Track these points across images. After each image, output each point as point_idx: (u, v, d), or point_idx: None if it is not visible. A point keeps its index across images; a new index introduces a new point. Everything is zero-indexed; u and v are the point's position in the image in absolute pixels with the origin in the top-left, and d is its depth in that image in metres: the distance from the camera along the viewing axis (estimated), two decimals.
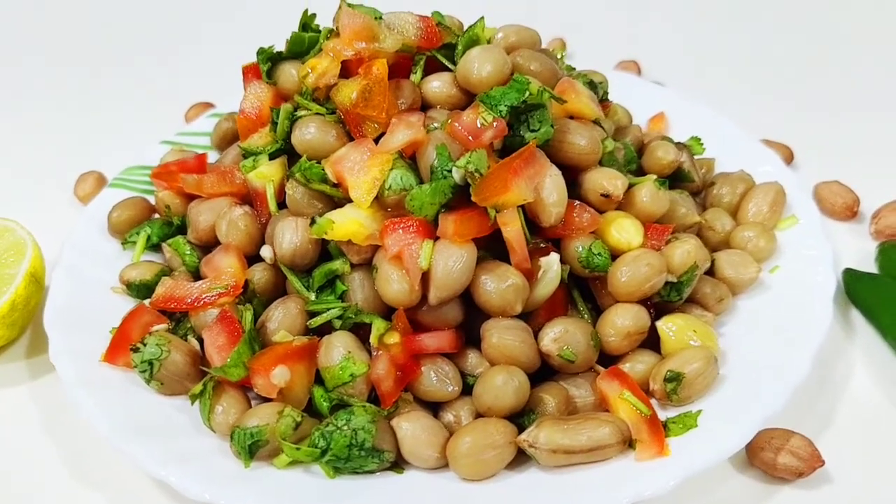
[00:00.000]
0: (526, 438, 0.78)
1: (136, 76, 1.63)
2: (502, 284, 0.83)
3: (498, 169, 0.83)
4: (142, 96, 1.56)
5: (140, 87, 1.59)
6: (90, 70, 1.66)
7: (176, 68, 1.65)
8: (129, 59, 1.69)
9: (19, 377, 1.01)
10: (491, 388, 0.80)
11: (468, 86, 0.94)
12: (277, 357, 0.82)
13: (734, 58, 1.58)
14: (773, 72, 1.52)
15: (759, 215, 1.04)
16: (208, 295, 0.91)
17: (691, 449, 0.78)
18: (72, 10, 1.86)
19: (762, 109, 1.40)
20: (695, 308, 0.94)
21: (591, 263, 0.88)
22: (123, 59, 1.69)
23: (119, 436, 0.82)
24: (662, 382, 0.84)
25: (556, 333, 0.84)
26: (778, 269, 0.99)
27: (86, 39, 1.77)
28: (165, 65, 1.67)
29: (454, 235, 0.82)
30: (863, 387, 0.93)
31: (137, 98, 1.56)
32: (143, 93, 1.57)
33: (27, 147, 1.44)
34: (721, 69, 1.54)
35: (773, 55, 1.57)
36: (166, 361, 0.87)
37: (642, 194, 0.95)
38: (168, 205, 1.09)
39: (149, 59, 1.69)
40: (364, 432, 0.78)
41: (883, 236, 1.11)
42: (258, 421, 0.80)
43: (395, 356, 0.83)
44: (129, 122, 1.49)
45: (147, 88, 1.58)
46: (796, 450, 0.82)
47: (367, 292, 0.87)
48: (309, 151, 0.92)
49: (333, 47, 0.94)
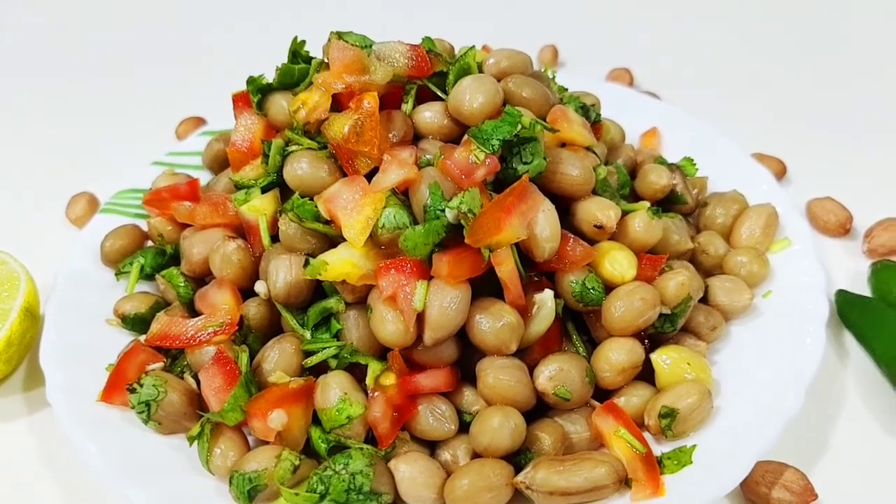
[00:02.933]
0: (523, 480, 0.79)
1: (124, 91, 1.62)
2: (497, 323, 0.84)
3: (491, 209, 0.83)
4: (130, 111, 1.55)
5: (128, 102, 1.58)
6: (77, 86, 1.64)
7: (165, 82, 1.64)
8: (116, 73, 1.68)
9: (17, 412, 1.01)
10: (488, 429, 0.81)
11: (460, 117, 0.94)
12: (274, 400, 0.83)
13: (728, 65, 1.58)
14: (766, 81, 1.52)
15: (752, 238, 1.04)
16: (203, 333, 0.91)
17: (687, 488, 0.79)
18: (55, 24, 1.84)
19: (755, 118, 1.41)
20: (688, 337, 0.94)
21: (585, 298, 0.88)
22: (110, 72, 1.68)
23: (117, 478, 0.82)
24: (657, 418, 0.84)
25: (551, 372, 0.85)
26: (770, 294, 0.99)
27: (70, 53, 1.75)
28: (154, 78, 1.65)
29: (448, 277, 0.82)
30: (856, 414, 0.94)
31: (126, 113, 1.55)
32: (131, 108, 1.56)
33: (15, 168, 1.42)
34: (715, 77, 1.54)
35: (767, 65, 1.57)
36: (163, 402, 0.87)
37: (636, 223, 0.95)
38: (161, 233, 1.08)
39: (137, 73, 1.68)
40: (362, 476, 0.79)
41: (876, 255, 1.11)
42: (256, 465, 0.80)
43: (392, 397, 0.83)
44: (118, 138, 1.48)
45: (135, 103, 1.57)
46: (790, 484, 0.83)
47: (362, 331, 0.87)
48: (301, 187, 0.92)
49: (324, 81, 0.93)
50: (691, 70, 1.56)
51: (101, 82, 1.64)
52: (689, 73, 1.55)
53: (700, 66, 1.58)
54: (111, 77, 1.66)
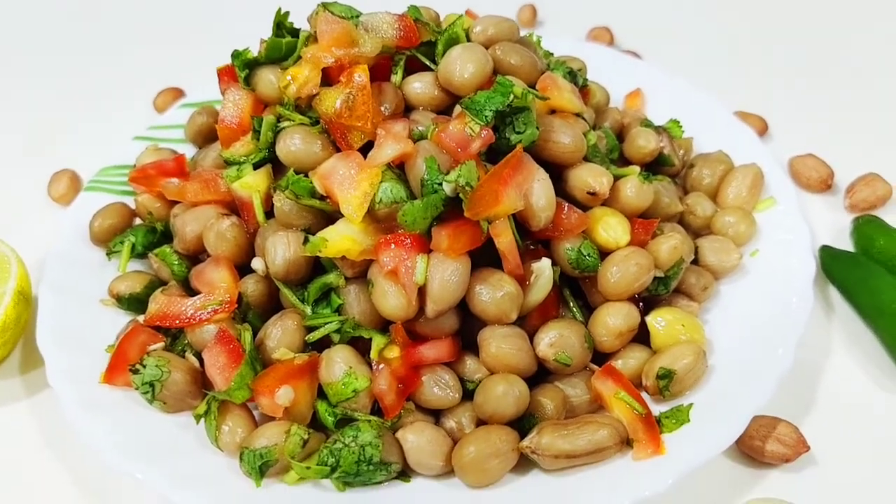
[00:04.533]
0: (528, 445, 0.81)
1: (97, 64, 1.58)
2: (497, 293, 0.85)
3: (488, 181, 0.83)
4: (105, 85, 1.52)
5: (102, 75, 1.54)
6: (48, 59, 1.60)
7: (138, 53, 1.59)
8: (87, 47, 1.63)
9: (16, 394, 1.01)
10: (492, 398, 0.83)
11: (451, 87, 0.94)
12: (280, 377, 0.84)
13: (708, 22, 1.58)
14: (747, 38, 1.53)
15: (738, 198, 1.06)
16: (204, 312, 0.91)
17: (686, 446, 0.82)
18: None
19: (736, 75, 1.42)
20: (681, 298, 0.96)
21: (581, 265, 0.90)
22: (82, 46, 1.63)
23: (128, 460, 0.83)
24: (655, 379, 0.87)
25: (551, 339, 0.86)
26: (758, 253, 1.02)
27: (39, 27, 1.70)
28: (127, 50, 1.61)
29: (448, 250, 0.83)
30: (842, 366, 0.97)
31: (101, 86, 1.51)
32: (105, 81, 1.53)
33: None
34: (695, 34, 1.54)
35: (747, 23, 1.57)
36: (167, 382, 0.88)
37: (627, 188, 0.96)
38: (150, 211, 1.08)
39: (109, 45, 1.63)
40: (371, 447, 0.81)
41: (857, 210, 1.14)
42: (266, 441, 0.82)
43: (396, 369, 0.84)
44: (94, 112, 1.45)
45: (109, 76, 1.54)
46: (783, 437, 0.87)
47: (364, 305, 0.88)
48: (295, 163, 0.92)
49: (313, 55, 0.92)
50: (671, 27, 1.56)
51: (73, 57, 1.60)
52: (669, 30, 1.55)
53: (680, 23, 1.58)
54: (83, 52, 1.61)
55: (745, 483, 0.87)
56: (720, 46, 1.51)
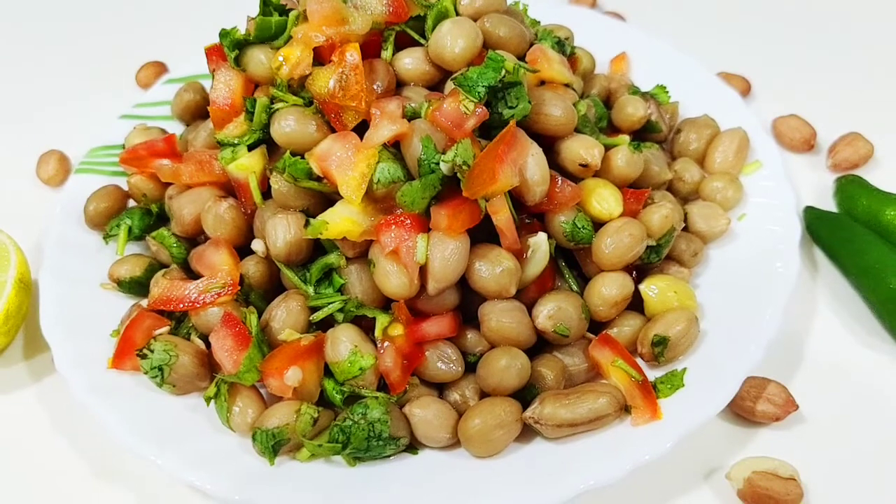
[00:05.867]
0: (531, 415, 0.84)
1: (74, 40, 1.55)
2: (496, 269, 0.87)
3: (483, 159, 0.84)
4: (83, 61, 1.50)
5: (80, 51, 1.52)
6: (25, 37, 1.57)
7: (115, 27, 1.57)
8: (62, 23, 1.59)
9: (22, 381, 1.02)
10: (496, 371, 0.85)
11: (442, 62, 0.94)
12: (288, 358, 0.86)
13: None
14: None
15: (725, 163, 1.08)
16: (207, 295, 0.92)
17: (682, 410, 0.85)
18: None
19: (719, 36, 1.43)
20: (672, 265, 0.99)
21: (576, 237, 0.92)
22: (57, 22, 1.60)
23: (144, 444, 0.85)
24: (650, 347, 0.90)
25: (549, 311, 0.89)
26: (745, 217, 1.04)
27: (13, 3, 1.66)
28: (103, 25, 1.58)
29: (448, 230, 0.85)
30: (828, 326, 1.01)
31: (79, 63, 1.49)
32: (84, 57, 1.51)
33: None
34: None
35: None
36: (176, 365, 0.90)
37: (618, 159, 0.98)
38: (144, 192, 1.08)
39: (85, 20, 1.60)
40: (380, 424, 0.83)
41: (839, 169, 1.17)
42: (278, 421, 0.84)
43: (401, 346, 0.87)
44: (75, 89, 1.44)
45: (88, 51, 1.52)
46: (772, 397, 0.90)
47: (366, 285, 0.89)
48: (290, 144, 0.92)
49: (304, 35, 0.92)
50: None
51: (49, 30, 1.57)
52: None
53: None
54: (59, 25, 1.59)
55: (737, 442, 0.90)
56: (703, 5, 1.51)
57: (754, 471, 0.84)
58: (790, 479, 0.83)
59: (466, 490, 0.82)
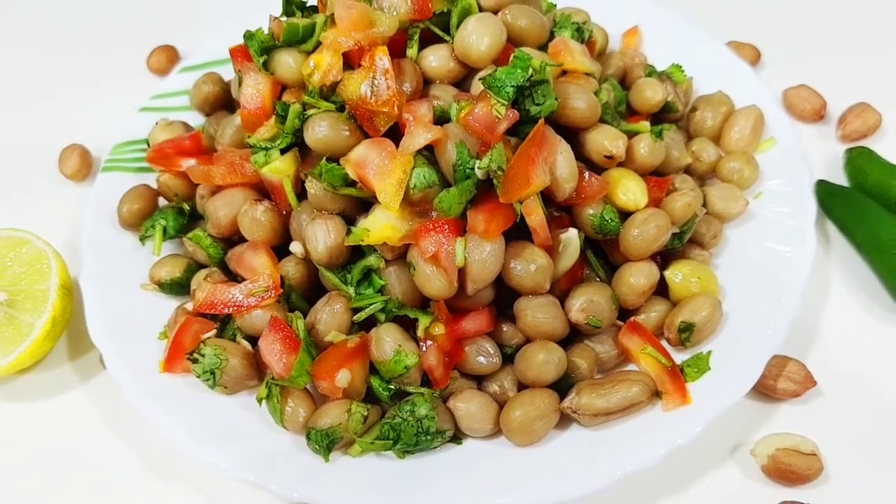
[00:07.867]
0: (569, 405, 0.89)
1: (81, 24, 1.54)
2: (531, 267, 0.91)
3: (517, 162, 0.87)
4: (93, 48, 1.49)
5: (88, 36, 1.51)
6: (32, 30, 1.55)
7: (123, 9, 1.55)
8: (68, 12, 1.58)
9: (70, 384, 1.05)
10: (534, 365, 0.90)
11: (468, 60, 0.96)
12: (337, 361, 0.90)
13: None
14: None
15: (741, 141, 1.11)
16: (252, 298, 0.96)
17: (709, 393, 0.90)
18: None
19: (728, 3, 1.43)
20: (693, 248, 1.03)
21: (604, 229, 0.96)
22: (62, 11, 1.58)
23: (204, 446, 0.89)
24: (676, 332, 0.94)
25: (582, 304, 0.93)
26: (761, 195, 1.08)
27: None
28: (110, 8, 1.57)
29: (485, 233, 0.88)
30: (842, 301, 1.05)
31: (89, 51, 1.48)
32: (93, 44, 1.49)
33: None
34: None
35: None
36: (226, 368, 0.94)
37: (640, 147, 1.01)
38: (176, 192, 1.10)
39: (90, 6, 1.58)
40: (428, 420, 0.88)
41: (849, 140, 1.20)
42: (330, 421, 0.89)
43: (442, 344, 0.91)
44: (87, 75, 1.43)
45: (96, 37, 1.50)
46: (792, 375, 0.96)
47: (405, 285, 0.93)
48: (324, 150, 0.94)
49: (333, 41, 0.94)
50: None
51: (56, 17, 1.56)
52: None
53: None
54: (66, 12, 1.57)
55: (759, 418, 0.96)
56: None
57: (777, 447, 0.90)
58: (811, 454, 0.90)
59: (511, 477, 0.87)
